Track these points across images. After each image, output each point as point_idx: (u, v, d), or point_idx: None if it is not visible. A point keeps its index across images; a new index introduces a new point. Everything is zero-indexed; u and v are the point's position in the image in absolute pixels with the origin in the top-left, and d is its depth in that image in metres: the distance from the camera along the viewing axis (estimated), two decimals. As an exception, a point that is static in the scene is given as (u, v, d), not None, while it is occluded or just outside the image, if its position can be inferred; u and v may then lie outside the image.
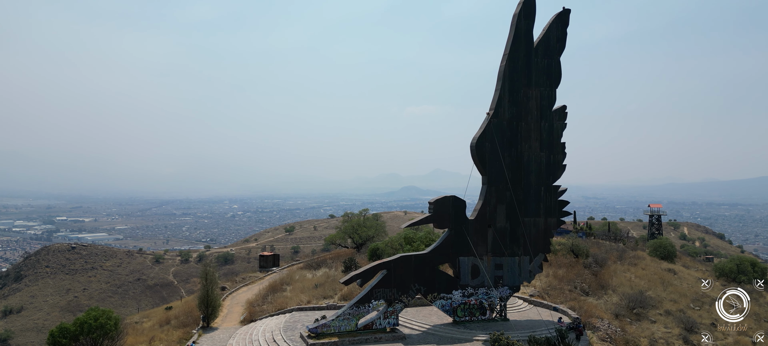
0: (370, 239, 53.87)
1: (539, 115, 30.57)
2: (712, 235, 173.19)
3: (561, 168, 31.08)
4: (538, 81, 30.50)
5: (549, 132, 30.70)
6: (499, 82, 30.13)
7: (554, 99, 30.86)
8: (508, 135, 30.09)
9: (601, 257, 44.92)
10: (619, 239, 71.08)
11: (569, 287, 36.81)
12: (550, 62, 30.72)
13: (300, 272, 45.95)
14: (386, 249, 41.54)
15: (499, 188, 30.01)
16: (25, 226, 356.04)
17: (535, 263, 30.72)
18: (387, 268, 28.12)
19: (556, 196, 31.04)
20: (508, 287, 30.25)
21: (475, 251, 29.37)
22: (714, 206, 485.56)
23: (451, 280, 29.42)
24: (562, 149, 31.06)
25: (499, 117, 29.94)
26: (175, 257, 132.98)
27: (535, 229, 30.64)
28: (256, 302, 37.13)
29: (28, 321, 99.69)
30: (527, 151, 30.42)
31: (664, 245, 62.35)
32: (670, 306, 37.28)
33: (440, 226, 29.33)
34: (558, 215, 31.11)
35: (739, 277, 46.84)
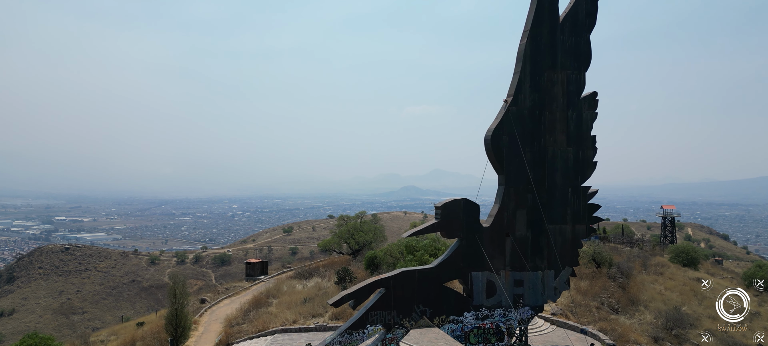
0: (368, 245, 49.04)
1: (566, 103, 25.74)
2: (716, 236, 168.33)
3: (591, 165, 26.27)
4: (564, 63, 25.68)
5: (577, 123, 25.87)
6: (518, 64, 25.33)
7: (583, 84, 26.04)
8: (530, 126, 25.29)
9: (626, 266, 40.15)
10: (634, 243, 66.43)
11: (595, 303, 32.02)
12: (578, 41, 25.87)
13: (289, 283, 41.25)
14: (385, 258, 36.75)
15: (518, 190, 25.21)
16: (24, 226, 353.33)
17: (561, 279, 25.92)
18: (385, 286, 23.34)
19: (585, 198, 26.22)
20: (530, 307, 25.43)
21: (490, 264, 24.59)
22: (714, 206, 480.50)
23: (461, 299, 24.63)
24: (593, 143, 26.23)
25: (518, 105, 25.13)
26: (171, 258, 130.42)
27: (561, 238, 25.81)
28: (236, 319, 32.46)
29: (19, 324, 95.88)
30: (552, 145, 25.61)
31: (687, 251, 57.77)
32: (709, 325, 32.57)
33: (449, 235, 24.55)
34: (588, 221, 26.28)
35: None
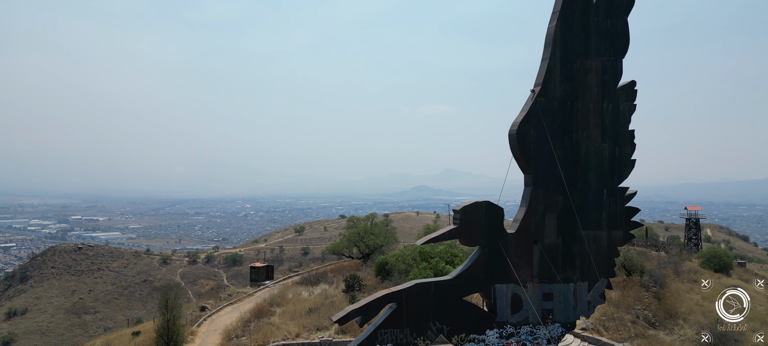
0: (378, 249, 46.29)
1: (600, 94, 22.73)
2: (735, 237, 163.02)
3: (629, 164, 23.23)
4: (598, 48, 22.67)
5: (613, 116, 22.86)
6: (547, 49, 22.39)
7: (620, 72, 22.99)
8: (560, 119, 22.34)
9: (659, 273, 36.90)
10: (659, 246, 62.88)
11: (630, 316, 28.89)
12: (614, 23, 22.85)
13: (294, 289, 38.69)
14: (396, 264, 33.97)
15: (548, 191, 22.28)
16: (41, 225, 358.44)
17: (595, 292, 22.93)
18: (397, 300, 20.60)
19: (622, 201, 23.19)
20: (560, 323, 22.48)
21: (516, 276, 21.72)
22: (731, 206, 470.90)
23: (483, 316, 21.78)
24: (631, 139, 23.17)
25: (547, 95, 22.19)
26: (183, 258, 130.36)
27: (596, 246, 22.81)
28: (235, 330, 29.95)
29: (32, 323, 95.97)
30: (585, 140, 22.63)
31: (718, 255, 54.34)
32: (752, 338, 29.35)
33: (469, 242, 21.70)
34: (625, 226, 23.25)
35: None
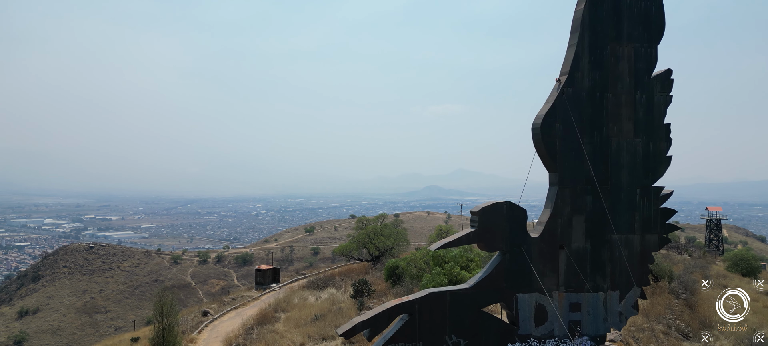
0: (389, 251, 44.39)
1: (633, 84, 20.55)
2: (753, 238, 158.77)
3: (665, 161, 21.03)
4: (631, 34, 20.48)
5: (647, 108, 20.65)
6: (574, 35, 20.25)
7: (654, 60, 20.79)
8: (589, 112, 20.18)
9: (688, 279, 34.59)
10: (681, 249, 60.30)
11: (661, 327, 26.69)
12: (648, 6, 20.65)
13: (301, 293, 36.93)
14: (408, 268, 32.04)
15: (575, 191, 20.16)
16: (55, 224, 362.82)
17: (627, 302, 20.75)
18: (409, 311, 18.64)
19: (657, 201, 21.02)
20: (589, 337, 20.33)
21: (541, 284, 19.69)
22: (746, 206, 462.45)
23: (504, 328, 19.76)
24: (667, 133, 20.94)
25: (574, 85, 20.05)
26: (194, 258, 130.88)
27: (629, 251, 20.64)
28: (237, 338, 28.25)
29: (43, 323, 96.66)
30: (616, 135, 20.47)
31: (746, 258, 51.93)
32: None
33: (489, 247, 19.66)
34: (661, 229, 21.07)
35: None
